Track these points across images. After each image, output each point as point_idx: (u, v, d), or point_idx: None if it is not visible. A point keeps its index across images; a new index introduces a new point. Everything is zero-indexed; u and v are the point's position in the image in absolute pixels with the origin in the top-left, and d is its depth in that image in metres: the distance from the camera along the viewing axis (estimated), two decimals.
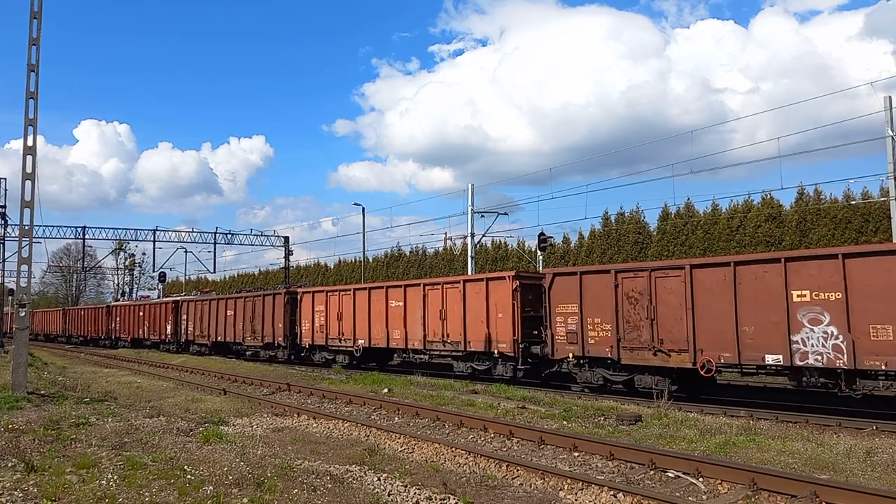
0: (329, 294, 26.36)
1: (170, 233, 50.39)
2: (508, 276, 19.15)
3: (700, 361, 14.36)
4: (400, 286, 23.17)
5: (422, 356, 22.25)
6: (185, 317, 37.13)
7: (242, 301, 31.63)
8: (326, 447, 10.59)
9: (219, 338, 33.38)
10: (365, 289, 24.68)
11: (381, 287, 24.01)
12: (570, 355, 16.99)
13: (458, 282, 21.01)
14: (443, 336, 20.97)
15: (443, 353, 21.46)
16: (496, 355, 19.23)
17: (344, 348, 25.28)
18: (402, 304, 22.56)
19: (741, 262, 14.10)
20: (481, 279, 20.25)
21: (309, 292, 27.65)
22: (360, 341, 24.36)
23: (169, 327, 38.52)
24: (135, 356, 35.44)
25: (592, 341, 16.59)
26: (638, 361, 15.63)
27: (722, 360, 14.09)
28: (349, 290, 25.55)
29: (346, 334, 25.02)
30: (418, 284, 22.42)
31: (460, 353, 20.53)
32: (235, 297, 32.72)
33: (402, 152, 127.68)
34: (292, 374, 23.05)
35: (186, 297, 39.31)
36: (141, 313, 42.80)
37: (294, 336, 28.02)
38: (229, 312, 32.53)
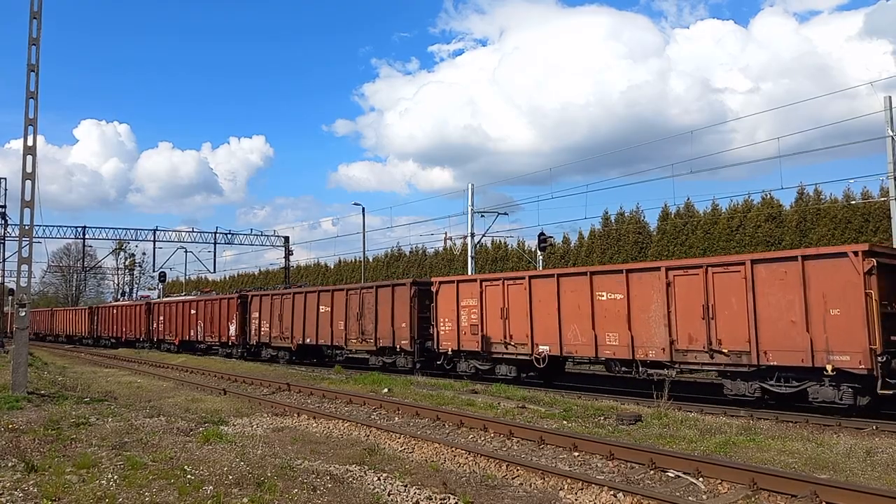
0: (273, 298, 29.93)
1: (170, 233, 50.50)
2: (408, 284, 22.84)
3: (535, 354, 17.98)
4: (328, 291, 26.84)
5: (345, 352, 26.07)
6: (255, 314, 31.09)
7: (344, 294, 25.95)
8: (326, 447, 10.59)
9: (307, 340, 27.61)
10: (302, 293, 28.26)
11: (314, 291, 27.74)
12: (450, 349, 20.63)
13: (372, 288, 24.58)
14: (360, 335, 24.44)
15: (360, 349, 24.88)
16: (398, 350, 22.62)
17: (284, 346, 28.90)
18: (329, 308, 26.07)
19: (563, 275, 17.92)
20: (388, 285, 23.74)
21: (256, 296, 31.45)
22: (296, 339, 27.92)
23: (233, 328, 32.43)
24: (135, 356, 35.43)
25: (466, 338, 20.19)
26: (497, 354, 19.35)
27: (549, 352, 17.58)
28: (289, 293, 29.30)
29: (285, 333, 28.73)
30: (342, 290, 26.13)
31: (374, 350, 23.79)
32: (333, 290, 27.21)
33: (401, 152, 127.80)
34: (292, 374, 23.05)
35: (257, 291, 34.19)
36: (193, 311, 36.09)
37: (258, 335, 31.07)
38: (322, 308, 26.89)
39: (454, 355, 20.83)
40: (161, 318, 39.63)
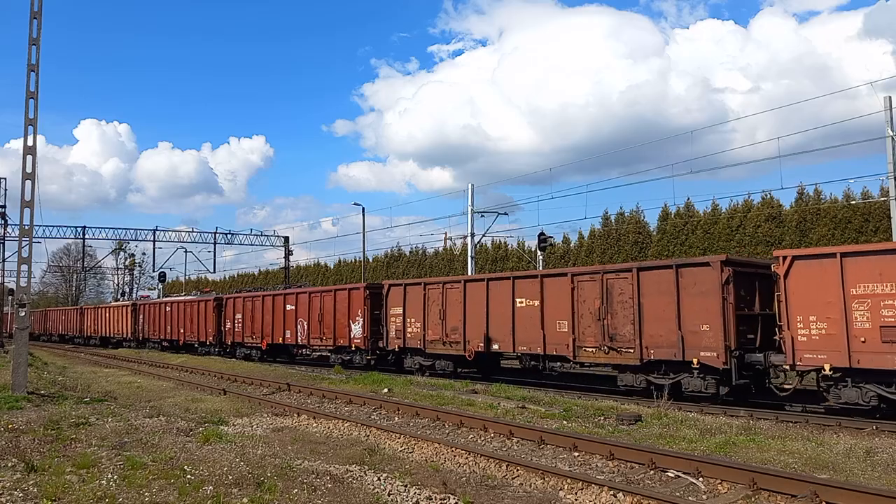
0: (246, 300, 31.73)
1: (170, 233, 50.50)
2: (362, 287, 24.71)
3: (467, 350, 19.91)
4: (293, 293, 28.64)
5: (309, 350, 28.79)
6: (229, 316, 32.44)
7: (307, 297, 27.25)
8: (326, 447, 10.58)
9: (276, 339, 29.02)
10: (270, 295, 30.09)
11: (281, 294, 29.56)
12: (397, 347, 22.52)
13: (331, 291, 26.27)
14: (321, 334, 26.26)
15: (321, 347, 27.03)
16: (353, 348, 24.58)
17: (255, 345, 30.73)
18: (294, 309, 27.92)
19: (492, 279, 19.93)
20: (345, 289, 25.79)
21: (230, 298, 33.22)
22: (266, 339, 29.79)
23: (210, 328, 33.45)
24: (135, 356, 35.45)
25: (410, 336, 22.05)
26: (436, 351, 21.16)
27: (479, 349, 19.63)
28: (259, 296, 31.02)
29: (256, 333, 30.60)
30: (305, 292, 27.69)
31: (333, 348, 25.76)
32: (297, 293, 28.25)
33: (401, 152, 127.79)
34: (292, 374, 23.05)
35: (231, 294, 34.50)
36: (168, 309, 38.06)
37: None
38: (289, 309, 28.32)
39: (401, 352, 22.81)
40: (141, 317, 42.19)
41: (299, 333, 27.50)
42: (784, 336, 13.04)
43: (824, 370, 12.39)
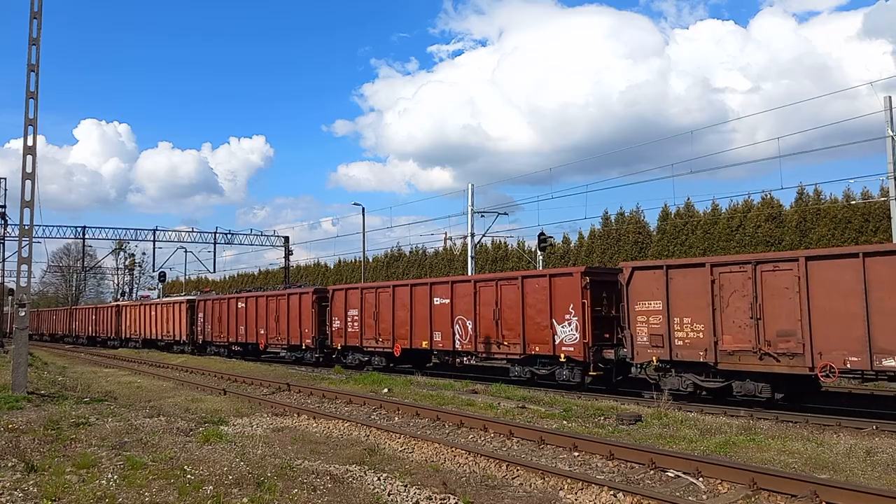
0: (218, 301, 34.44)
1: (170, 233, 50.44)
2: (310, 292, 27.17)
3: (394, 348, 22.66)
4: (253, 297, 31.20)
5: (267, 348, 30.85)
6: (200, 316, 35.33)
7: (265, 300, 30.41)
8: (326, 447, 10.59)
9: (239, 339, 32.29)
10: (234, 298, 32.75)
11: (242, 297, 32.14)
12: (339, 345, 25.22)
13: (284, 294, 29.10)
14: (276, 335, 28.99)
15: (277, 346, 29.50)
16: (304, 347, 27.28)
17: (223, 343, 33.57)
18: (254, 311, 30.65)
19: (415, 284, 22.79)
20: (296, 293, 28.28)
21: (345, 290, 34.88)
22: (230, 338, 32.74)
23: (183, 328, 36.58)
24: (135, 356, 35.44)
25: (350, 333, 24.69)
26: (370, 348, 23.97)
27: (404, 346, 22.30)
28: (225, 298, 34.08)
29: (222, 333, 33.44)
30: (263, 296, 30.51)
31: (286, 346, 28.49)
32: (257, 296, 31.31)
33: (401, 152, 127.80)
34: (292, 375, 23.05)
35: (203, 296, 37.73)
36: (153, 313, 40.56)
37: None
38: (249, 312, 31.16)
39: (343, 350, 25.33)
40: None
41: (258, 334, 30.70)
42: (624, 335, 15.75)
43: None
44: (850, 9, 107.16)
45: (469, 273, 32.35)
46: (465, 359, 21.18)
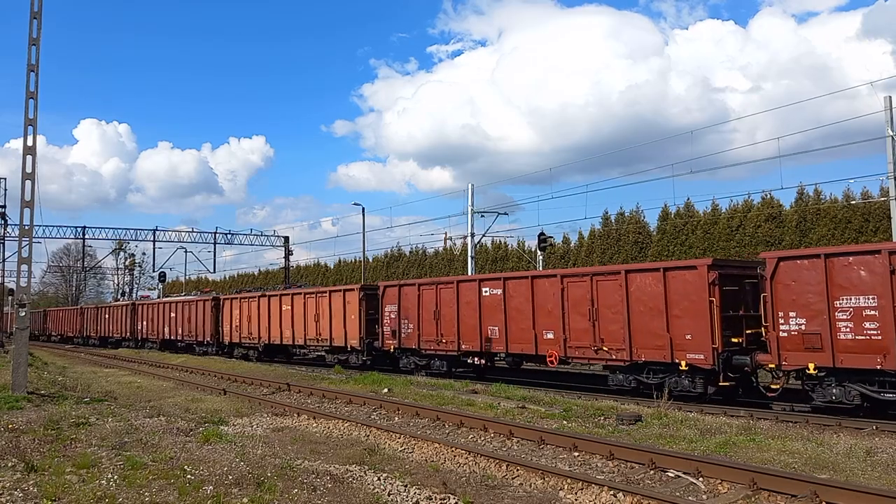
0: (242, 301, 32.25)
1: (170, 233, 50.43)
2: (356, 288, 25.23)
3: (460, 350, 21.32)
4: (289, 294, 29.33)
5: (305, 350, 29.05)
6: (227, 315, 33.26)
7: (303, 297, 28.24)
8: (326, 447, 10.59)
9: (273, 340, 30.32)
10: (266, 296, 30.39)
11: (277, 295, 30.03)
12: (392, 347, 23.32)
13: (325, 292, 27.16)
14: (317, 335, 26.81)
15: (317, 348, 27.57)
16: (349, 349, 25.13)
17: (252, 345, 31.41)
18: (290, 309, 28.69)
19: (484, 280, 20.75)
20: (339, 290, 26.44)
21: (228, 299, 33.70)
22: (262, 339, 30.27)
23: (209, 328, 34.16)
24: (135, 356, 35.43)
25: (405, 336, 23.10)
26: (430, 350, 22.08)
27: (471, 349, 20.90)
28: (255, 296, 31.58)
29: (252, 334, 31.11)
30: (300, 293, 28.37)
31: (329, 348, 26.62)
32: (293, 294, 29.21)
33: (401, 152, 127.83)
34: (292, 374, 23.04)
35: (227, 295, 35.36)
36: (173, 314, 38.39)
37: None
38: (285, 309, 29.22)
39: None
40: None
41: (296, 334, 28.53)
42: (768, 337, 13.67)
43: None
44: (849, 9, 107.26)
45: (469, 273, 32.32)
46: (549, 363, 17.97)
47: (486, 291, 19.75)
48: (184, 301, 37.31)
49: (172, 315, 38.00)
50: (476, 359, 20.34)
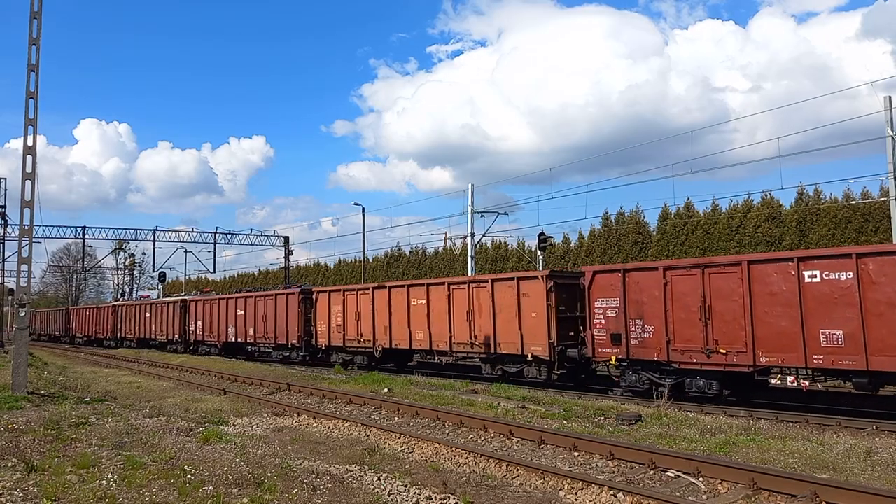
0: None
1: (170, 233, 50.45)
2: (297, 292, 27.55)
3: (375, 347, 23.54)
4: (243, 297, 31.85)
5: (255, 348, 31.25)
6: (193, 317, 36.44)
7: (254, 300, 31.10)
8: (326, 447, 10.59)
9: (230, 339, 33.31)
10: (225, 299, 33.43)
11: (234, 298, 32.66)
12: (324, 345, 26.00)
13: (272, 295, 29.51)
14: (264, 334, 29.31)
15: (266, 345, 29.87)
16: (290, 346, 27.78)
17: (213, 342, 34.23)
18: (243, 311, 31.39)
19: (393, 287, 23.16)
20: (283, 294, 28.54)
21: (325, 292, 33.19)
22: (221, 338, 33.09)
23: (176, 328, 37.60)
24: (135, 356, 35.44)
25: (334, 335, 25.37)
26: (352, 347, 25.03)
27: (384, 346, 23.15)
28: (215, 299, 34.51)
29: (213, 332, 34.03)
30: (252, 296, 31.18)
31: (274, 345, 28.95)
32: (246, 297, 32.01)
33: (401, 152, 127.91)
34: (292, 375, 23.03)
35: (195, 297, 38.49)
36: (148, 314, 42.12)
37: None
38: (240, 312, 32.09)
39: (327, 349, 25.80)
40: (149, 315, 46.03)
41: (246, 333, 31.26)
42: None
43: None
44: (849, 9, 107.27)
45: (469, 273, 32.31)
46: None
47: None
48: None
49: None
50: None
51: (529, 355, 18.01)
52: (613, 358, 16.09)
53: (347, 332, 24.88)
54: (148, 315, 41.41)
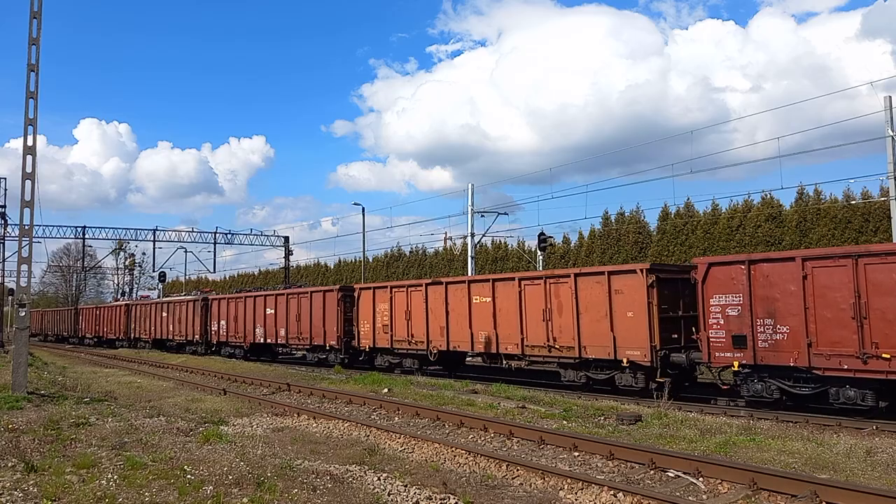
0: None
1: (170, 233, 50.48)
2: (335, 290, 25.82)
3: (429, 349, 21.56)
4: (273, 295, 29.72)
5: (287, 349, 30.15)
6: (215, 316, 33.70)
7: (285, 298, 28.27)
8: (326, 447, 10.59)
9: (258, 339, 30.25)
10: (252, 297, 31.09)
11: (262, 296, 30.47)
12: (367, 346, 23.91)
13: (307, 293, 27.30)
14: (297, 334, 27.59)
15: (299, 347, 28.19)
16: (328, 347, 25.86)
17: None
18: (274, 311, 29.40)
19: (451, 283, 21.19)
20: (320, 291, 26.71)
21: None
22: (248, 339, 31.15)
23: (197, 327, 34.80)
24: (135, 356, 35.43)
25: (379, 336, 23.45)
26: (402, 350, 22.90)
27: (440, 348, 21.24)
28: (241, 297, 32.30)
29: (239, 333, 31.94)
30: (283, 294, 29.13)
31: (309, 347, 27.19)
32: (276, 295, 29.22)
33: (401, 152, 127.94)
34: (292, 375, 23.04)
35: (216, 295, 35.74)
36: (165, 313, 38.91)
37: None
38: (269, 311, 29.43)
39: (371, 351, 23.79)
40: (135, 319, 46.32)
41: (278, 334, 29.22)
42: None
43: None
44: (849, 9, 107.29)
45: (469, 274, 32.31)
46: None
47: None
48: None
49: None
50: None
51: (625, 360, 15.90)
52: (736, 364, 13.78)
53: (395, 332, 22.67)
54: (165, 314, 39.06)
